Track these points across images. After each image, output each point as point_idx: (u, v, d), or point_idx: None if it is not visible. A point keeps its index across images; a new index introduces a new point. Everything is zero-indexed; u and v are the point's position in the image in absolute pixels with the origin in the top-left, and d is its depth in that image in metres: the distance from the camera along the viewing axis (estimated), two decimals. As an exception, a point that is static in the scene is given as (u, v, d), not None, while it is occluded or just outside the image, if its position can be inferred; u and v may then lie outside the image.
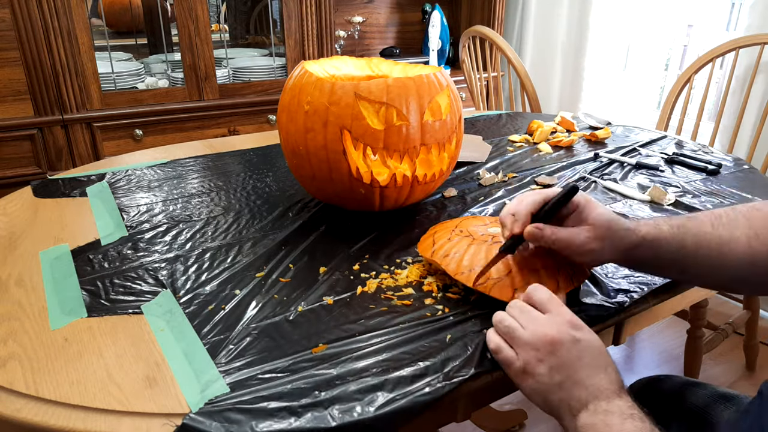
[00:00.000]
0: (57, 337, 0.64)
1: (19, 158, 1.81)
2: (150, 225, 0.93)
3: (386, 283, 0.75)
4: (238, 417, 0.52)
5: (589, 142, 1.40)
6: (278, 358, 0.60)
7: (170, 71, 2.11)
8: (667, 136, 1.44)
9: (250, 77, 2.16)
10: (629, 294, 0.74)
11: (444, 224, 0.83)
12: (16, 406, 0.54)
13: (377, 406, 0.54)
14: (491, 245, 0.73)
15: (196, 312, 0.69)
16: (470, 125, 1.55)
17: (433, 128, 0.88)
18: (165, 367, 0.60)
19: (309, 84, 0.87)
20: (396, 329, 0.66)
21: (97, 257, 0.82)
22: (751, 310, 1.59)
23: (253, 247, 0.85)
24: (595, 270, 0.78)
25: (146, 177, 1.15)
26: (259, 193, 1.07)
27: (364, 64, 1.09)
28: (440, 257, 0.73)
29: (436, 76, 0.90)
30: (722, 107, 1.79)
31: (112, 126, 1.91)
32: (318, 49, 2.20)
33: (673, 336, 1.86)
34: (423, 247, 0.78)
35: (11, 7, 1.67)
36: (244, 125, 2.13)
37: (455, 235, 0.77)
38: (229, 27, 2.48)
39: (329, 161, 0.86)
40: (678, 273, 0.69)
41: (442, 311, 0.69)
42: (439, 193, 1.07)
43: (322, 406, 0.54)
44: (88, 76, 1.85)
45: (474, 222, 0.82)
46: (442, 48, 2.61)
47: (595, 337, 0.60)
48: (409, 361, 0.60)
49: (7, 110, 1.76)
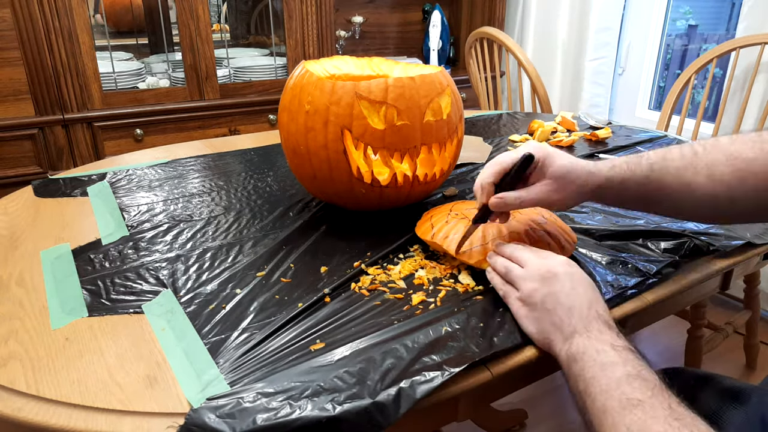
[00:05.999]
0: (58, 337, 0.64)
1: (20, 158, 1.82)
2: (151, 224, 0.93)
3: (379, 279, 0.76)
4: (240, 412, 0.52)
5: (590, 142, 1.40)
6: (278, 357, 0.60)
7: (171, 71, 2.12)
8: (667, 135, 1.44)
9: (251, 77, 2.16)
10: (623, 289, 0.74)
11: (438, 208, 0.88)
12: (16, 405, 0.54)
13: (377, 395, 0.55)
14: (486, 225, 0.78)
15: (196, 311, 0.69)
16: (470, 125, 1.55)
17: (433, 128, 0.88)
18: (166, 367, 0.60)
19: (310, 84, 0.87)
20: (390, 322, 0.66)
21: (97, 257, 0.82)
22: (751, 310, 1.59)
23: (254, 247, 0.85)
24: (587, 262, 0.78)
25: (147, 177, 1.15)
26: (259, 193, 1.07)
27: (364, 63, 1.09)
28: (440, 239, 0.78)
29: (437, 75, 0.90)
30: (722, 107, 1.79)
31: (112, 126, 1.92)
32: (319, 49, 2.20)
33: (674, 336, 1.86)
34: (422, 231, 0.83)
35: (12, 6, 1.67)
36: (245, 125, 2.13)
37: (452, 218, 0.82)
38: (230, 27, 2.48)
39: (330, 161, 0.86)
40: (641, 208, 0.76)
41: (434, 304, 0.70)
42: (440, 192, 1.07)
43: (322, 397, 0.54)
44: (89, 76, 1.85)
45: (466, 205, 0.88)
46: (442, 48, 2.61)
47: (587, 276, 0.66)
48: (405, 353, 0.61)
49: (8, 110, 1.76)
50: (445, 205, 0.89)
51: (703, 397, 0.79)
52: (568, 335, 0.60)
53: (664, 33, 2.23)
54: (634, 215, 0.95)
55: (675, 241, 0.84)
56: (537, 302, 0.64)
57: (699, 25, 2.32)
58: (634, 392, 0.51)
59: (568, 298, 0.62)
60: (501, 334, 0.65)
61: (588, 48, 2.34)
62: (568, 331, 0.60)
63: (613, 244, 0.86)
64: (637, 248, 0.84)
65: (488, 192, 0.74)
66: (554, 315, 0.62)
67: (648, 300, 0.75)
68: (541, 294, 0.64)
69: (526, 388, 0.75)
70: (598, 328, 0.59)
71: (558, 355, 0.60)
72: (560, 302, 0.62)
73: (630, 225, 0.91)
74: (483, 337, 0.64)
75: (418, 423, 0.62)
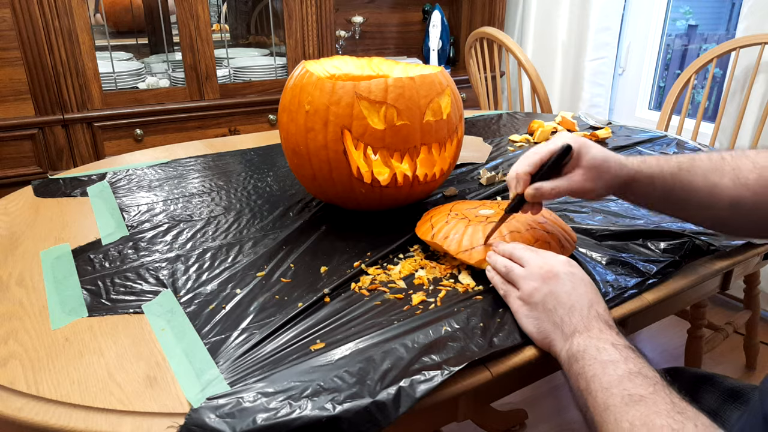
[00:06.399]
0: (58, 337, 0.64)
1: (20, 158, 1.82)
2: (151, 225, 0.93)
3: (379, 279, 0.76)
4: (240, 412, 0.52)
5: (590, 142, 1.39)
6: (278, 357, 0.60)
7: (171, 71, 2.12)
8: (667, 135, 1.44)
9: (251, 77, 2.16)
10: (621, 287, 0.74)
11: (438, 209, 0.88)
12: (16, 405, 0.54)
13: (376, 395, 0.55)
14: (486, 225, 0.78)
15: (196, 312, 0.69)
16: (470, 125, 1.55)
17: (433, 128, 0.88)
18: (166, 367, 0.60)
19: (310, 84, 0.87)
20: (390, 322, 0.66)
21: (97, 257, 0.82)
22: (751, 310, 1.59)
23: (254, 247, 0.85)
24: (587, 262, 0.78)
25: (147, 177, 1.15)
26: (259, 193, 1.07)
27: (364, 63, 1.09)
28: (441, 239, 0.78)
29: (436, 75, 0.90)
30: (722, 107, 1.79)
31: (112, 126, 1.91)
32: (319, 49, 2.20)
33: (674, 336, 1.86)
34: (422, 231, 0.83)
35: (12, 6, 1.67)
36: (245, 125, 2.13)
37: (452, 218, 0.82)
38: (230, 27, 2.48)
39: (330, 161, 0.86)
40: (668, 209, 0.76)
41: (434, 304, 0.70)
42: (440, 192, 1.07)
43: (322, 397, 0.54)
44: (88, 76, 1.85)
45: (465, 205, 0.88)
46: (442, 48, 2.61)
47: (588, 276, 0.66)
48: (405, 353, 0.61)
49: (8, 110, 1.76)
50: (445, 205, 0.89)
51: (703, 397, 0.79)
52: (569, 334, 0.60)
53: (664, 33, 2.23)
54: (634, 215, 0.95)
55: (675, 241, 0.84)
56: (538, 302, 0.64)
57: (699, 25, 2.32)
58: (636, 388, 0.51)
59: (569, 297, 0.62)
60: (501, 334, 0.65)
61: (588, 48, 2.34)
62: (568, 330, 0.60)
63: (613, 244, 0.86)
64: (637, 248, 0.84)
65: (524, 182, 0.74)
66: (555, 314, 0.62)
67: (648, 300, 0.75)
68: (542, 293, 0.64)
69: (526, 388, 0.75)
70: (598, 328, 0.59)
71: (558, 355, 0.60)
72: (561, 302, 0.62)
73: (630, 225, 0.91)
74: (483, 337, 0.64)
75: (418, 423, 0.62)
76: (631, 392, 0.51)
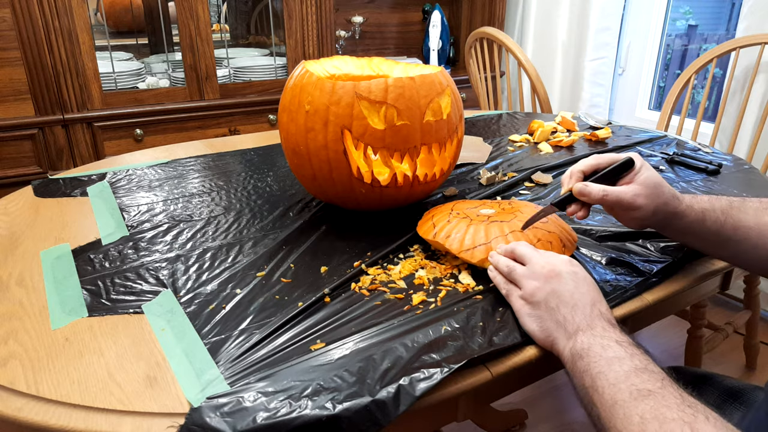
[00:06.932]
0: (58, 337, 0.64)
1: (20, 158, 1.82)
2: (151, 225, 0.93)
3: (379, 279, 0.76)
4: (240, 412, 0.52)
5: (590, 142, 1.40)
6: (278, 356, 0.61)
7: (171, 71, 2.12)
8: (667, 135, 1.44)
9: (251, 77, 2.16)
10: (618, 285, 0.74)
11: (439, 208, 0.88)
12: (16, 405, 0.54)
13: (376, 394, 0.55)
14: (488, 224, 0.79)
15: (196, 312, 0.69)
16: (470, 125, 1.55)
17: (433, 128, 0.88)
18: (166, 367, 0.60)
19: (310, 84, 0.87)
20: (390, 322, 0.66)
21: (97, 257, 0.82)
22: (751, 310, 1.59)
23: (254, 247, 0.85)
24: (587, 262, 0.78)
25: (147, 177, 1.15)
26: (259, 193, 1.07)
27: (364, 63, 1.09)
28: (442, 238, 0.78)
29: (436, 75, 0.90)
30: (722, 107, 1.79)
31: (112, 126, 1.92)
32: (319, 49, 2.20)
33: (674, 336, 1.86)
34: (423, 230, 0.83)
35: (12, 6, 1.67)
36: (245, 125, 2.13)
37: (453, 217, 0.82)
38: (230, 27, 2.48)
39: (330, 161, 0.86)
40: (714, 249, 0.76)
41: (434, 304, 0.70)
42: (440, 192, 1.07)
43: (322, 396, 0.54)
44: (88, 76, 1.85)
45: (466, 204, 0.88)
46: (442, 48, 2.61)
47: (590, 276, 0.66)
48: (405, 352, 0.61)
49: (8, 110, 1.76)
50: (447, 205, 0.89)
51: (704, 396, 0.79)
52: (572, 332, 0.60)
53: (664, 33, 2.23)
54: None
55: (675, 241, 0.84)
56: (540, 301, 0.64)
57: (699, 25, 2.32)
58: (643, 383, 0.51)
59: (572, 296, 0.62)
60: (501, 334, 0.65)
61: (588, 48, 2.34)
62: (571, 328, 0.60)
63: (613, 244, 0.86)
64: (637, 248, 0.84)
65: (576, 179, 0.75)
66: (557, 313, 0.62)
67: (648, 300, 0.75)
68: (545, 292, 0.64)
69: (526, 388, 0.75)
70: (602, 326, 0.59)
71: (561, 353, 0.60)
72: (563, 300, 0.62)
73: (630, 225, 0.91)
74: (483, 337, 0.64)
75: (418, 423, 0.62)
76: (639, 387, 0.51)
